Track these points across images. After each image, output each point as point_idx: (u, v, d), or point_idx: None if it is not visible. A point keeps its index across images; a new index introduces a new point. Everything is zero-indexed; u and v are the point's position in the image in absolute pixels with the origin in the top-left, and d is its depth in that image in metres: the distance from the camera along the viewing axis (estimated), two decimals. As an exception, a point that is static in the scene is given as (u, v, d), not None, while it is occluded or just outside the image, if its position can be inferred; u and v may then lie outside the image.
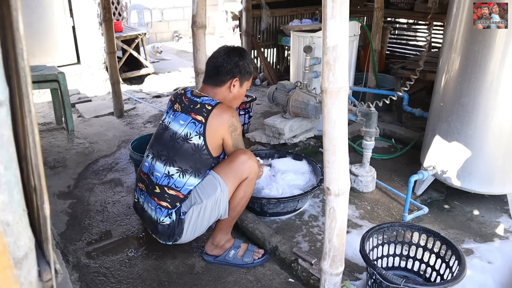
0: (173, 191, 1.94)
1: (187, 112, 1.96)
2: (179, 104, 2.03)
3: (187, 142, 1.92)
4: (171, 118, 2.03)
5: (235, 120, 1.96)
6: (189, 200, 1.95)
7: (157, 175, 1.98)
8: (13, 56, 0.63)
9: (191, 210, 1.93)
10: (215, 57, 2.02)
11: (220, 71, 1.99)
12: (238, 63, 2.00)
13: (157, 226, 1.96)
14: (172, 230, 1.95)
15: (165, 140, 1.99)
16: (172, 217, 1.94)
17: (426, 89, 4.62)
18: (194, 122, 1.92)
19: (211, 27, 9.19)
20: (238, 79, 2.02)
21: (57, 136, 3.70)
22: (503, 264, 2.09)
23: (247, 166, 1.96)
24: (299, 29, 3.96)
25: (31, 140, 0.65)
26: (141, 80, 5.75)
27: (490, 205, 2.60)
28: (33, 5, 4.89)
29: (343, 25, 1.34)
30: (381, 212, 2.55)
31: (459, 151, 2.38)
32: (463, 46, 2.26)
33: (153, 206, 1.98)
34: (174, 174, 1.93)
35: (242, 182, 1.97)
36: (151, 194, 1.99)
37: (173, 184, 1.93)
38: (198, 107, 1.94)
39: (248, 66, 2.05)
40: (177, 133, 1.95)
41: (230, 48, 2.05)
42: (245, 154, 1.97)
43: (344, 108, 1.44)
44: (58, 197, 2.74)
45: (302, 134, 3.20)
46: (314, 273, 1.93)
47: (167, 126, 2.02)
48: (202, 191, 1.93)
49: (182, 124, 1.95)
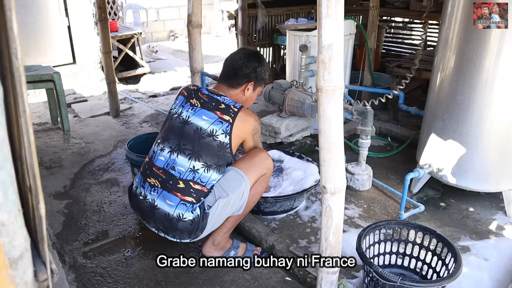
0: (198, 186, 1.94)
1: (209, 109, 1.98)
2: (197, 100, 2.04)
3: (214, 139, 1.94)
4: (190, 112, 2.01)
5: (257, 124, 2.09)
6: (212, 194, 1.96)
7: (180, 170, 1.94)
8: (7, 55, 0.63)
9: (216, 204, 1.94)
10: (234, 59, 2.09)
11: (238, 74, 2.06)
12: (256, 68, 2.07)
13: (176, 223, 1.91)
14: (196, 226, 1.92)
15: (188, 134, 1.97)
16: (195, 212, 1.92)
17: (422, 88, 4.63)
18: (221, 121, 1.95)
19: (207, 27, 9.19)
20: (253, 83, 2.10)
21: (53, 136, 3.69)
22: (499, 261, 2.10)
23: (268, 163, 2.09)
24: (295, 28, 3.96)
25: (26, 140, 0.65)
26: (137, 80, 5.74)
27: (485, 203, 2.61)
28: (28, 5, 4.87)
29: (338, 23, 1.34)
30: (378, 210, 2.55)
31: (454, 149, 2.39)
32: (458, 44, 2.27)
33: (174, 202, 1.92)
34: (200, 168, 1.94)
35: (260, 177, 2.06)
36: (172, 190, 1.93)
37: (199, 179, 1.94)
38: (224, 107, 1.98)
39: (264, 73, 2.12)
40: (202, 128, 1.95)
41: (250, 52, 2.14)
42: (264, 152, 2.11)
43: (340, 106, 1.45)
44: (54, 198, 2.73)
45: (299, 133, 3.20)
46: (311, 271, 1.94)
47: (186, 120, 2.00)
48: (226, 186, 1.96)
49: (206, 120, 1.96)
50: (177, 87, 5.38)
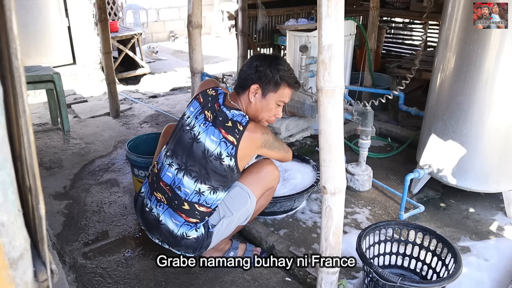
0: (203, 208, 1.88)
1: (217, 126, 1.83)
2: (211, 113, 1.88)
3: (221, 162, 1.82)
4: (201, 128, 1.86)
5: (266, 135, 1.86)
6: (217, 213, 1.90)
7: (186, 191, 1.86)
8: (7, 56, 0.63)
9: (220, 223, 1.90)
10: (245, 63, 1.91)
11: (241, 76, 1.90)
12: (258, 68, 1.83)
13: (181, 240, 1.89)
14: (200, 244, 1.90)
15: (196, 155, 1.84)
16: (199, 230, 1.88)
17: (422, 88, 4.63)
18: (225, 142, 1.80)
19: (207, 27, 9.18)
20: (258, 86, 1.84)
21: (53, 137, 3.69)
22: (499, 261, 2.10)
23: (274, 177, 2.00)
24: (295, 29, 3.96)
25: (25, 140, 0.65)
26: (137, 80, 5.74)
27: (485, 203, 2.61)
28: (28, 5, 4.87)
29: (338, 24, 1.34)
30: (378, 210, 2.55)
31: (454, 149, 2.39)
32: (458, 45, 2.27)
33: (178, 221, 1.88)
34: (205, 191, 1.86)
35: (266, 191, 2.00)
36: (177, 210, 1.88)
37: (204, 201, 1.87)
38: (230, 126, 1.81)
39: (271, 73, 1.82)
40: (209, 150, 1.82)
41: (262, 55, 1.95)
42: (271, 165, 1.99)
43: (340, 106, 1.45)
44: (54, 198, 2.73)
45: (299, 133, 3.19)
46: (311, 271, 1.94)
47: (196, 137, 1.86)
48: (231, 204, 1.90)
49: (214, 141, 1.82)
50: (177, 88, 5.38)
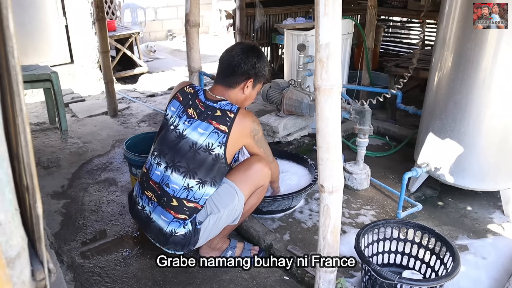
0: (192, 204, 1.87)
1: (205, 120, 1.85)
2: (194, 110, 1.90)
3: (209, 153, 1.83)
4: (186, 125, 1.89)
5: (255, 124, 1.92)
6: (204, 209, 1.89)
7: (174, 187, 1.87)
8: (3, 54, 0.63)
9: (207, 220, 1.88)
10: (231, 55, 1.92)
11: (235, 72, 1.91)
12: (256, 65, 1.92)
13: (169, 238, 1.88)
14: (188, 240, 1.89)
15: (183, 150, 1.86)
16: (187, 227, 1.87)
17: (420, 87, 4.64)
18: (217, 132, 1.82)
19: (205, 26, 9.17)
20: (252, 80, 1.95)
21: (50, 136, 3.68)
22: (497, 259, 2.10)
23: (264, 175, 1.97)
24: (293, 28, 3.97)
25: (22, 139, 0.65)
26: (135, 80, 5.73)
27: (483, 202, 2.62)
28: (25, 4, 4.85)
29: (335, 22, 1.34)
30: (376, 209, 2.56)
31: (452, 148, 2.39)
32: (455, 43, 2.27)
33: (168, 219, 1.88)
34: (194, 186, 1.86)
35: (256, 189, 1.98)
36: (166, 207, 1.88)
37: (192, 197, 1.86)
38: (219, 115, 1.84)
39: (264, 69, 1.97)
40: (197, 143, 1.84)
41: (248, 46, 1.96)
42: (260, 162, 1.97)
43: (337, 105, 1.45)
44: (52, 197, 2.73)
45: (297, 132, 3.20)
46: (309, 270, 1.94)
47: (182, 134, 1.88)
48: (219, 201, 1.88)
49: (202, 133, 1.84)
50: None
